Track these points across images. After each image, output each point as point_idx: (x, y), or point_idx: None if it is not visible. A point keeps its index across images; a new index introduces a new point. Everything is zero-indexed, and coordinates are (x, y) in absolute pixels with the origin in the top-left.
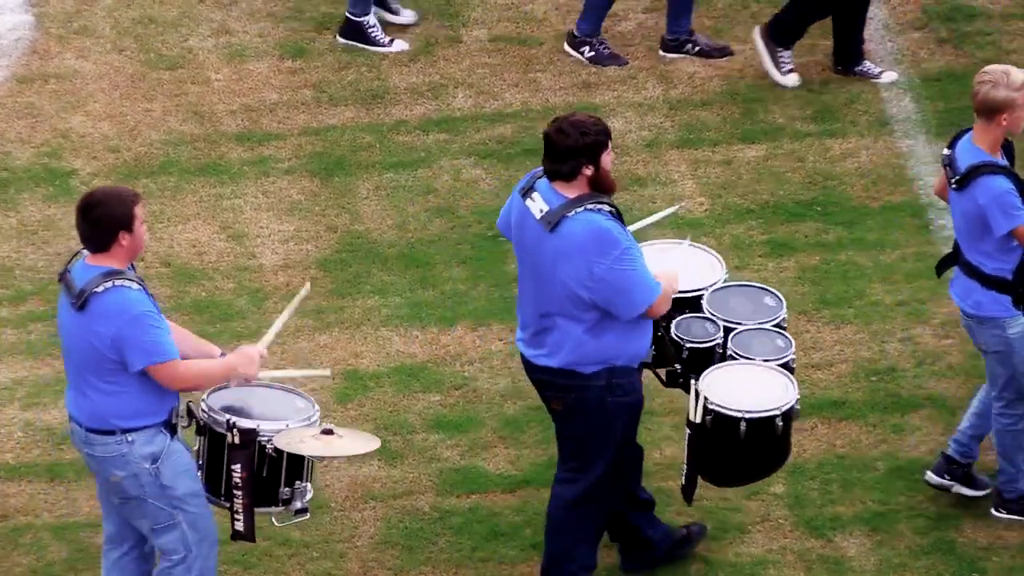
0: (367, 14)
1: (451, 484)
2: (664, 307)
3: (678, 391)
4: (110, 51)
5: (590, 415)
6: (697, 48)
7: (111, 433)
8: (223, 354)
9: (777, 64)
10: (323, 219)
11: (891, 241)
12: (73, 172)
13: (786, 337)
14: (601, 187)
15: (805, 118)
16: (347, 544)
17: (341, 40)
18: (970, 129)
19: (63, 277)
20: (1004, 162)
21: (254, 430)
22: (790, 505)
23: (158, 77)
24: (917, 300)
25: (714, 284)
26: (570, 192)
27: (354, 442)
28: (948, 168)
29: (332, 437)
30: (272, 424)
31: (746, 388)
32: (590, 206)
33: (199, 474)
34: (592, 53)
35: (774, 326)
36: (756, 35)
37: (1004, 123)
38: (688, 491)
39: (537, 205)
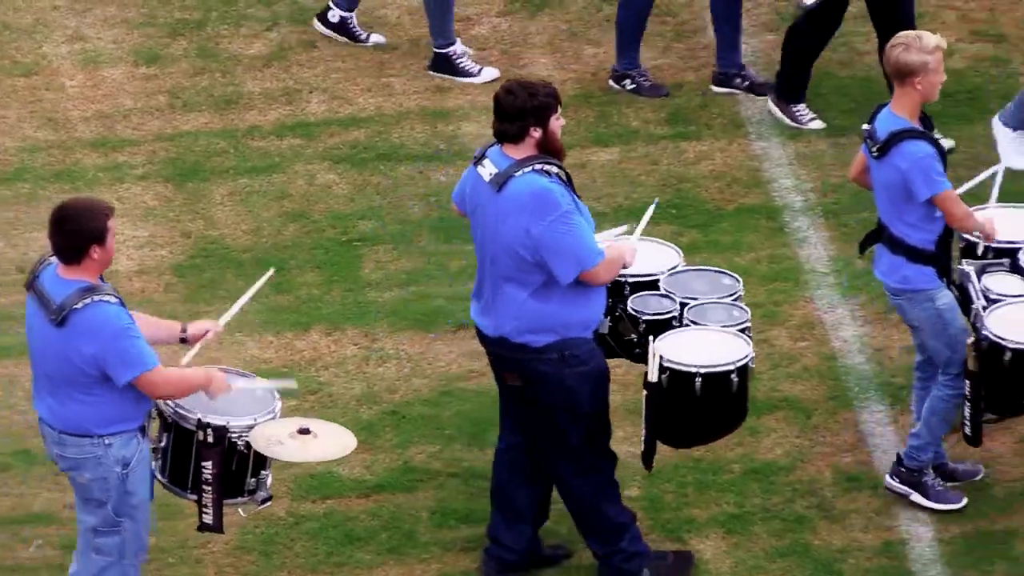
0: (452, 43)
1: (306, 489)
2: (608, 275)
3: None
4: None
5: (551, 388)
6: (747, 83)
7: (88, 436)
8: (184, 328)
9: (796, 119)
10: (178, 225)
11: (746, 243)
12: None
13: (742, 308)
14: (549, 150)
15: (659, 121)
16: (203, 550)
17: (434, 74)
18: (886, 104)
19: (32, 285)
20: (924, 129)
21: (225, 427)
22: (646, 508)
23: (12, 84)
24: (772, 302)
25: (672, 268)
26: (518, 154)
27: (329, 443)
28: (868, 140)
29: (308, 436)
30: (240, 420)
31: (701, 347)
32: (537, 167)
33: (157, 466)
34: (633, 86)
35: (732, 300)
36: (769, 103)
37: (919, 87)
38: (648, 456)
39: (487, 170)
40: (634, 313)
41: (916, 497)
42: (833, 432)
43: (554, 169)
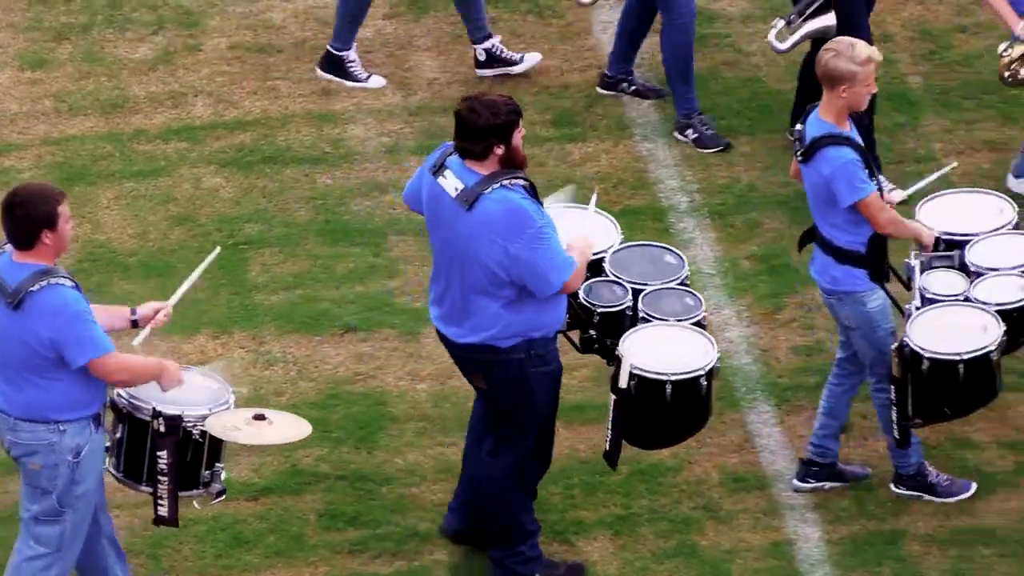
0: (348, 50)
1: None
2: (578, 282)
3: (423, 395)
4: None
5: (513, 388)
6: (633, 88)
7: (43, 422)
8: (133, 311)
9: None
10: None
11: None
12: None
13: (694, 295)
14: (512, 165)
15: (545, 123)
16: None
17: (321, 73)
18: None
19: None
20: (851, 134)
21: (179, 416)
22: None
23: None
24: None
25: (612, 246)
26: (483, 169)
27: (285, 428)
28: (797, 142)
29: (264, 423)
30: (195, 409)
31: (667, 350)
32: (505, 183)
33: (111, 463)
34: (696, 135)
35: (679, 284)
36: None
37: (844, 95)
38: (612, 456)
39: (451, 183)
40: (588, 305)
41: (929, 498)
42: (720, 432)
43: (520, 182)
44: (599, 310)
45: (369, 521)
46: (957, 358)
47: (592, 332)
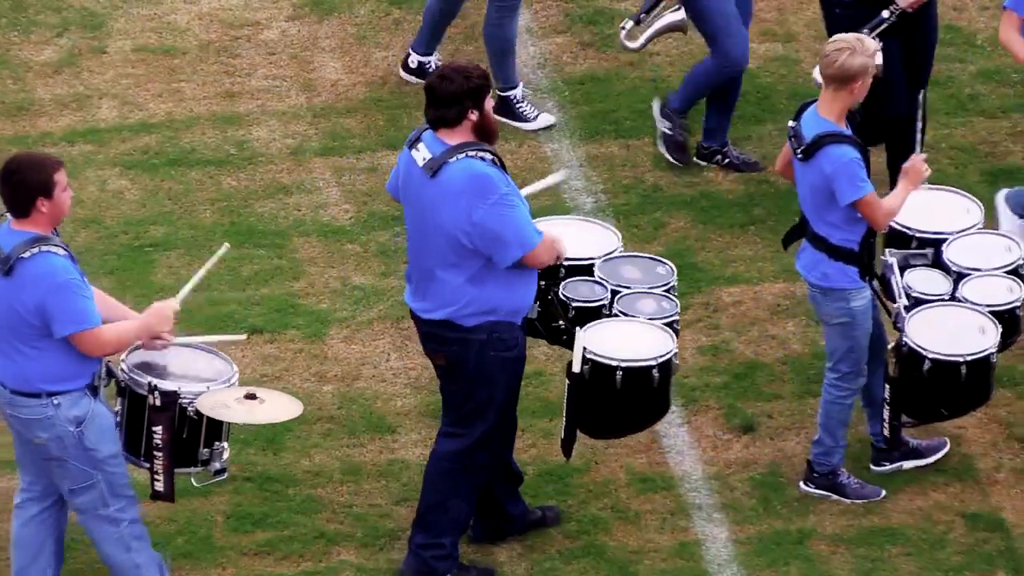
0: (514, 87)
1: None
2: (546, 257)
3: (329, 397)
4: None
5: (471, 370)
6: (727, 160)
7: (36, 396)
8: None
9: None
10: None
11: None
12: None
13: (672, 300)
14: (486, 133)
15: None
16: None
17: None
18: (814, 101)
19: None
20: (850, 132)
21: (175, 392)
22: None
23: None
24: None
25: (608, 253)
26: (453, 140)
27: (277, 408)
28: (793, 139)
29: (255, 402)
30: (193, 386)
31: (626, 340)
32: (471, 153)
33: (118, 434)
34: (727, 161)
35: (663, 291)
36: None
37: (855, 92)
38: (567, 444)
39: (421, 154)
40: (564, 299)
41: (836, 498)
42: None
43: (488, 155)
44: (575, 304)
45: (276, 523)
46: (960, 359)
47: (562, 323)
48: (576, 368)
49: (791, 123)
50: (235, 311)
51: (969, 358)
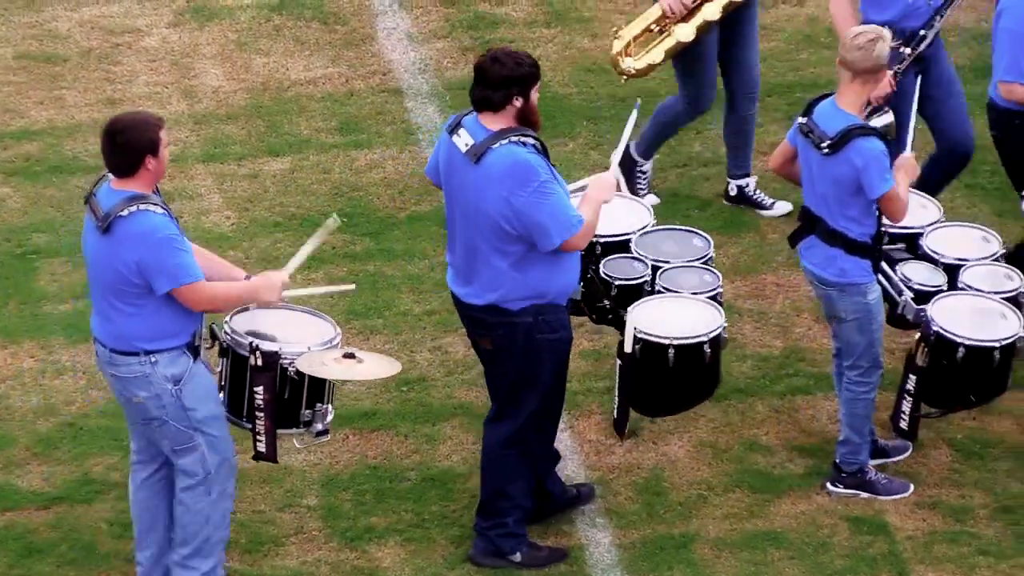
0: (748, 176)
1: None
2: (584, 241)
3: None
4: None
5: (518, 353)
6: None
7: (135, 354)
8: (248, 277)
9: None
10: None
11: (419, 251)
12: None
13: (714, 273)
14: (528, 121)
15: (330, 130)
16: None
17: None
18: (823, 97)
19: (88, 200)
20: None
21: (276, 353)
22: (324, 517)
23: None
24: (446, 309)
25: (643, 228)
26: (496, 125)
27: (375, 366)
28: (811, 135)
29: (353, 361)
30: (294, 347)
31: (675, 318)
32: (514, 139)
33: (221, 396)
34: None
35: (702, 264)
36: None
37: (879, 81)
38: (620, 424)
39: (463, 140)
40: (606, 278)
41: (866, 496)
42: None
43: (531, 140)
44: (617, 283)
45: None
46: (996, 344)
47: (607, 303)
48: (628, 348)
49: (800, 119)
50: None
51: (1003, 342)
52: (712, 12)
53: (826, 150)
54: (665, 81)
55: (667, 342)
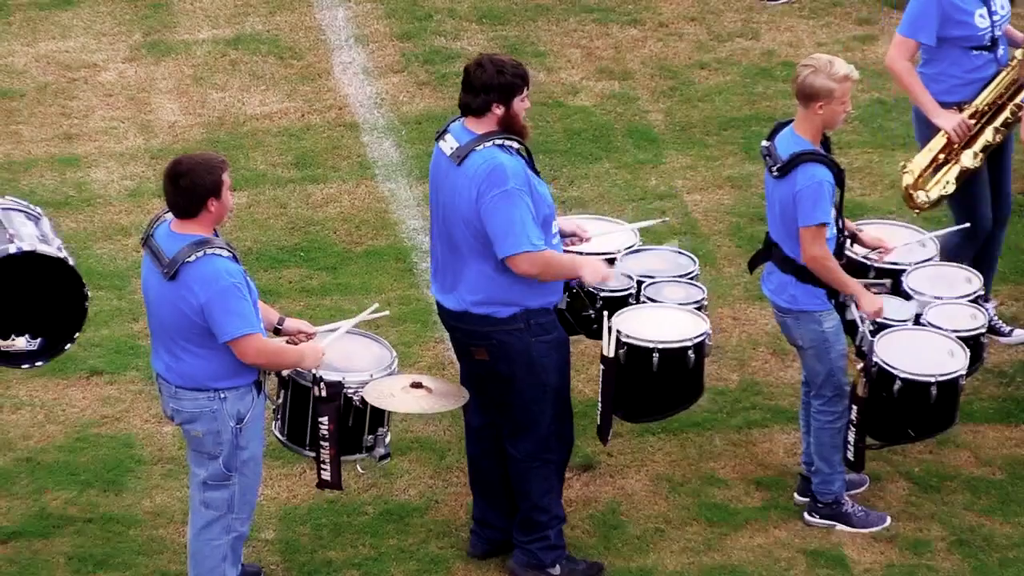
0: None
1: None
2: (536, 270)
3: (169, 438)
4: None
5: (517, 360)
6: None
7: (203, 391)
8: (281, 320)
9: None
10: None
11: (375, 285)
12: None
13: (698, 287)
14: (512, 128)
15: (286, 164)
16: None
17: None
18: (788, 123)
19: (147, 242)
20: (824, 152)
21: (340, 383)
22: (282, 551)
23: None
24: (403, 343)
25: (629, 247)
26: (480, 129)
27: (442, 397)
28: (768, 158)
29: (421, 391)
30: (356, 376)
31: (658, 324)
32: (498, 142)
33: (275, 426)
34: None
35: (688, 280)
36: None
37: (820, 112)
38: (604, 430)
39: (448, 144)
40: (592, 290)
41: (841, 527)
42: (466, 472)
43: (515, 145)
44: (603, 294)
45: (119, 563)
46: (932, 379)
47: (591, 312)
48: (609, 353)
49: (764, 143)
50: (75, 352)
51: (940, 379)
52: (991, 135)
53: (776, 173)
54: (621, 115)
55: (651, 346)
